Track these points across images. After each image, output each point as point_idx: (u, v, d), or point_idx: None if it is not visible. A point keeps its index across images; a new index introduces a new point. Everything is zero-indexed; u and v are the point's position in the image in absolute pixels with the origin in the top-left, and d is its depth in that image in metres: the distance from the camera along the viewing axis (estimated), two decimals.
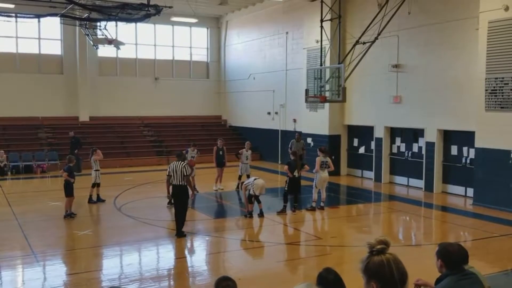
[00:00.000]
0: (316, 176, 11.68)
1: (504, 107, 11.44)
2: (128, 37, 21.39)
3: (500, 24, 11.33)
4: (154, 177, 16.89)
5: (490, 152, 11.75)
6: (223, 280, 2.99)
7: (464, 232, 10.27)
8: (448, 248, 3.26)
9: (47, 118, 20.98)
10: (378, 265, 2.06)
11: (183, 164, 9.26)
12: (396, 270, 2.05)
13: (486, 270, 5.99)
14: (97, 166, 12.27)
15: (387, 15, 13.61)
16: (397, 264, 2.06)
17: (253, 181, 10.85)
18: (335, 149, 17.06)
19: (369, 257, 2.11)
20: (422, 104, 14.21)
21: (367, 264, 2.10)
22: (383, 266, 2.05)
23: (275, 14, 20.24)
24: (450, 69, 13.37)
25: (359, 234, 10.08)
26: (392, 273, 2.04)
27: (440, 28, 13.55)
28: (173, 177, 9.19)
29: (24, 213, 11.29)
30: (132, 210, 11.65)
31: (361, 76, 15.70)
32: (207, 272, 7.85)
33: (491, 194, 11.76)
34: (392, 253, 2.11)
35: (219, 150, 14.21)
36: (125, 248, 8.91)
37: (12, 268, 7.91)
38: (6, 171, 17.49)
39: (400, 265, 2.08)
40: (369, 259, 2.10)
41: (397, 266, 2.06)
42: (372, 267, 2.08)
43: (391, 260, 2.07)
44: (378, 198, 14.14)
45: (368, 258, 2.11)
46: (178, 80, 23.83)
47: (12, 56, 20.71)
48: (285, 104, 20.04)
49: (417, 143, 14.98)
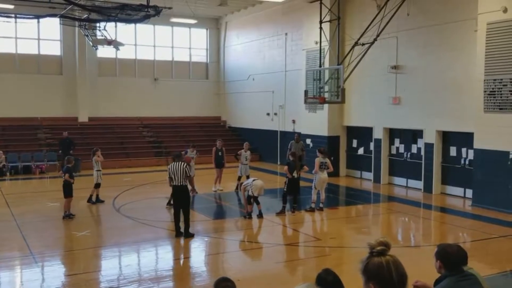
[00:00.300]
0: (315, 177, 11.68)
1: (503, 108, 11.46)
2: (127, 37, 21.39)
3: (499, 25, 11.35)
4: (153, 178, 16.89)
5: (489, 153, 11.76)
6: (222, 281, 2.99)
7: (463, 233, 10.28)
8: (447, 249, 3.25)
9: (46, 119, 20.97)
10: (377, 266, 2.06)
11: (184, 165, 9.24)
12: (395, 272, 2.04)
13: (485, 271, 5.99)
14: (98, 167, 12.24)
15: (386, 16, 13.63)
16: (396, 266, 2.06)
17: (252, 182, 10.84)
18: (334, 150, 17.07)
19: (369, 258, 2.10)
20: (421, 105, 14.22)
21: (366, 265, 2.10)
22: (382, 268, 2.05)
23: (275, 15, 20.26)
24: (449, 71, 13.39)
25: (358, 235, 10.08)
26: (391, 275, 2.03)
27: (439, 30, 13.57)
28: (173, 178, 9.19)
29: (23, 214, 11.28)
30: (131, 211, 11.64)
31: (360, 77, 15.71)
32: (206, 273, 7.84)
33: (490, 195, 11.77)
34: (392, 255, 2.10)
35: (218, 151, 14.21)
36: (124, 249, 8.90)
37: (10, 269, 7.90)
38: (4, 172, 17.46)
39: (399, 267, 2.07)
40: (369, 260, 2.10)
41: (397, 268, 2.05)
42: (371, 268, 2.07)
43: (391, 262, 2.06)
44: (377, 199, 14.14)
45: (367, 259, 2.11)
46: (178, 81, 23.83)
47: (12, 56, 20.70)
48: (284, 105, 20.05)
49: (416, 144, 14.99)
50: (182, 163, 9.29)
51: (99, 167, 12.26)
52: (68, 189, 10.85)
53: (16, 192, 14.90)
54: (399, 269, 2.06)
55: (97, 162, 12.23)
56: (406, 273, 2.09)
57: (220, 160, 14.14)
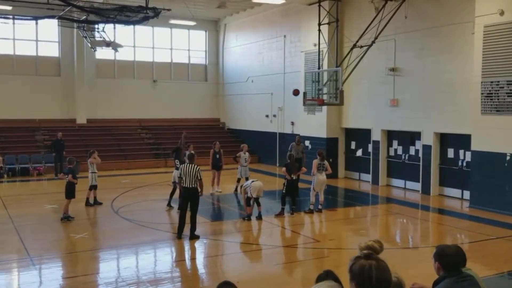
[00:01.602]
0: (313, 179, 11.70)
1: (500, 110, 11.51)
2: (126, 39, 21.37)
3: (496, 28, 11.41)
4: (152, 179, 16.87)
5: (486, 155, 11.81)
6: (224, 285, 2.99)
7: (460, 235, 10.30)
8: (446, 250, 3.27)
9: (44, 121, 20.93)
10: (359, 268, 2.11)
11: (197, 168, 9.22)
12: (376, 277, 2.06)
13: (482, 272, 6.01)
14: (93, 169, 12.19)
15: (384, 19, 13.69)
16: (379, 272, 2.08)
17: (251, 183, 10.85)
18: (333, 152, 17.10)
19: (356, 259, 2.16)
20: (418, 107, 14.27)
21: (352, 265, 2.16)
22: (363, 271, 2.09)
23: (273, 17, 20.30)
24: (446, 73, 13.44)
25: (356, 237, 10.09)
26: (370, 279, 2.07)
27: (436, 32, 13.63)
28: (183, 179, 9.17)
29: (20, 216, 11.25)
30: (129, 213, 11.62)
31: (359, 79, 15.75)
32: (205, 275, 7.84)
33: (487, 197, 11.81)
34: (379, 259, 2.13)
35: (216, 153, 14.21)
36: (122, 251, 8.89)
37: (7, 271, 7.86)
38: (2, 174, 17.42)
39: (383, 273, 2.09)
40: (355, 261, 2.15)
41: (379, 273, 2.07)
42: (354, 268, 2.13)
43: (374, 266, 2.09)
44: (376, 200, 14.17)
45: (355, 259, 2.17)
46: (176, 82, 23.83)
47: (9, 58, 20.66)
48: (283, 107, 20.07)
49: (414, 146, 15.03)
50: (195, 165, 9.25)
51: (94, 169, 12.18)
52: (71, 190, 10.78)
53: (13, 194, 14.85)
54: (381, 275, 2.08)
55: (92, 164, 12.16)
56: (390, 279, 2.11)
57: (217, 162, 14.14)
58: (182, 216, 9.32)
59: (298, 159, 13.17)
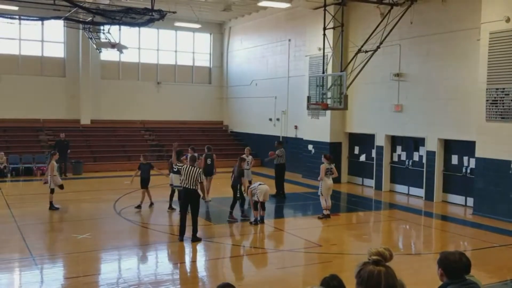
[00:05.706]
0: (320, 183, 11.59)
1: (505, 117, 11.46)
2: (131, 41, 21.46)
3: (501, 35, 11.38)
4: (155, 181, 16.85)
5: (491, 162, 11.75)
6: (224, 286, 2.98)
7: (463, 242, 10.24)
8: (449, 257, 3.25)
9: (48, 121, 21.01)
10: (368, 274, 2.10)
11: (199, 170, 9.22)
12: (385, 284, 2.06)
13: (485, 280, 5.98)
14: (54, 171, 11.73)
15: (390, 24, 13.68)
16: (387, 279, 2.07)
17: (258, 186, 10.84)
18: (336, 156, 17.03)
19: (364, 264, 2.15)
20: (423, 113, 14.23)
21: (360, 270, 2.15)
22: (372, 277, 2.08)
23: (278, 21, 20.34)
24: (451, 79, 13.40)
25: (359, 242, 10.06)
26: (379, 285, 2.06)
27: (441, 38, 13.61)
28: (184, 180, 9.18)
29: (23, 216, 11.28)
30: (131, 214, 11.64)
31: (363, 84, 15.73)
32: (206, 278, 7.82)
33: (491, 204, 11.75)
34: (387, 266, 2.12)
35: (207, 158, 13.59)
36: (124, 252, 8.89)
37: (9, 271, 7.87)
38: (6, 173, 17.48)
39: (391, 280, 2.08)
40: (363, 266, 2.14)
41: (387, 280, 2.07)
42: (362, 274, 2.12)
43: (383, 273, 2.08)
44: (379, 206, 14.11)
45: (363, 265, 2.15)
46: (180, 85, 23.89)
47: (15, 58, 20.78)
48: (287, 111, 20.07)
49: (417, 152, 14.98)
50: (196, 168, 9.26)
51: (54, 171, 11.73)
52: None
53: (16, 194, 14.90)
54: (389, 282, 2.08)
55: (52, 166, 11.63)
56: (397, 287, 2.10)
57: (209, 168, 13.45)
58: (183, 218, 9.32)
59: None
